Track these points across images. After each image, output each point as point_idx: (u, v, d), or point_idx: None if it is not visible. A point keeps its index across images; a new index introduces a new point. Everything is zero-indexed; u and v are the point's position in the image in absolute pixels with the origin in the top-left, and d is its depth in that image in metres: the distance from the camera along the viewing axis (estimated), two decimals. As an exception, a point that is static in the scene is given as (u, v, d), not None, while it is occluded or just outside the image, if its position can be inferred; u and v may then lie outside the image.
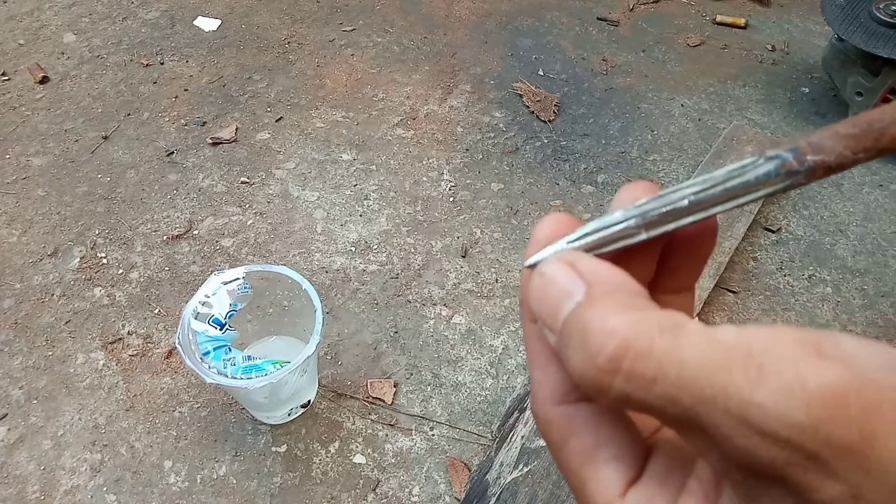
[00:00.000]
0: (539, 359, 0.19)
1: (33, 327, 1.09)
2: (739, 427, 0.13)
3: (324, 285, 1.16)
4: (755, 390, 0.13)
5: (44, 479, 0.93)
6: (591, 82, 1.61)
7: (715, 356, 0.14)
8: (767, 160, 0.17)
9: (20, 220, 1.25)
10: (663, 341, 0.14)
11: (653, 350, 0.14)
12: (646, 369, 0.14)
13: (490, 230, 1.26)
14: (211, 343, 0.83)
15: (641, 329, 0.15)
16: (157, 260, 1.19)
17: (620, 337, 0.15)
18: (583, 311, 0.16)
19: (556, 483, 0.85)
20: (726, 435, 0.14)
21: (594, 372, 0.15)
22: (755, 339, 0.14)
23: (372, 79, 1.58)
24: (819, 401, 0.13)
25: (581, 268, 0.17)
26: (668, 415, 0.14)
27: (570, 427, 0.18)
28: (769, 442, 0.13)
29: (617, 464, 0.17)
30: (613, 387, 0.15)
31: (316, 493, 0.92)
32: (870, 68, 1.38)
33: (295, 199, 1.30)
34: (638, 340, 0.14)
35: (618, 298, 0.16)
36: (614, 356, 0.14)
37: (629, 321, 0.15)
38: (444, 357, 1.08)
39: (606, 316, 0.15)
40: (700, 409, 0.14)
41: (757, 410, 0.13)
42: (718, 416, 0.13)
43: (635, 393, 0.14)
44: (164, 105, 1.48)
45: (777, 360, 0.13)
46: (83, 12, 1.73)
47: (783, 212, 1.33)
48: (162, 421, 0.99)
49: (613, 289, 0.16)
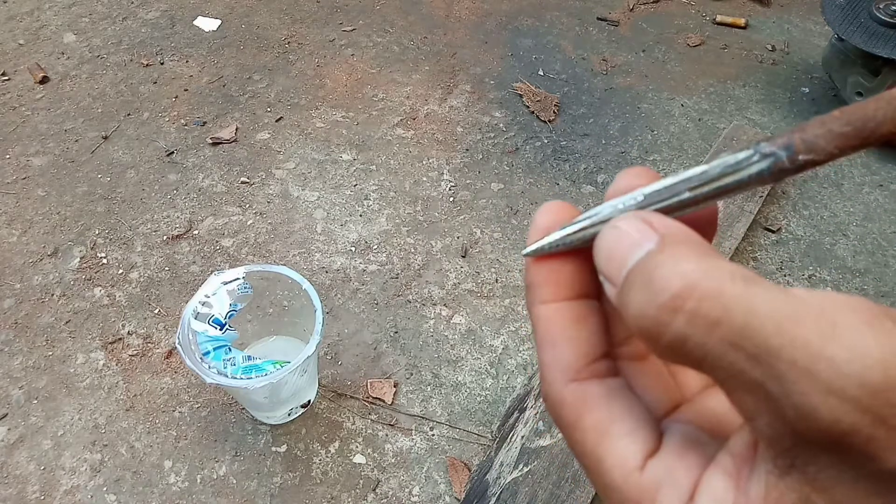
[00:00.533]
0: (548, 340, 0.19)
1: (33, 327, 1.09)
2: (805, 382, 0.13)
3: (324, 285, 1.16)
4: (827, 345, 0.12)
5: (44, 479, 0.93)
6: (591, 82, 1.61)
7: (786, 307, 0.13)
8: (762, 158, 0.17)
9: (20, 220, 1.25)
10: (734, 287, 0.14)
11: (722, 292, 0.14)
12: (711, 310, 0.14)
13: (490, 230, 1.26)
14: (211, 343, 0.83)
15: (712, 273, 0.14)
16: (157, 260, 1.19)
17: (689, 277, 0.14)
18: (652, 256, 0.15)
19: (556, 483, 0.85)
20: (788, 390, 0.13)
21: (654, 310, 0.14)
22: (829, 299, 0.13)
23: (372, 79, 1.58)
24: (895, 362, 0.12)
25: (655, 223, 0.17)
26: (724, 364, 0.14)
27: (582, 404, 0.18)
28: (836, 400, 0.12)
29: (634, 436, 0.17)
30: (672, 327, 0.14)
31: (316, 493, 0.93)
32: (870, 68, 1.38)
33: (295, 199, 1.30)
34: (707, 282, 0.14)
35: (691, 247, 0.15)
36: (679, 294, 0.14)
37: (701, 266, 0.14)
38: (444, 357, 1.08)
39: (677, 260, 0.15)
40: (764, 359, 0.13)
41: (827, 365, 0.12)
42: (783, 367, 0.13)
43: (694, 336, 0.14)
44: (164, 105, 1.48)
45: (852, 319, 0.13)
46: (83, 12, 1.73)
47: (783, 212, 1.33)
48: (162, 421, 0.99)
49: (686, 239, 0.16)
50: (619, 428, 0.17)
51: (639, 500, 0.16)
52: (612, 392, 0.18)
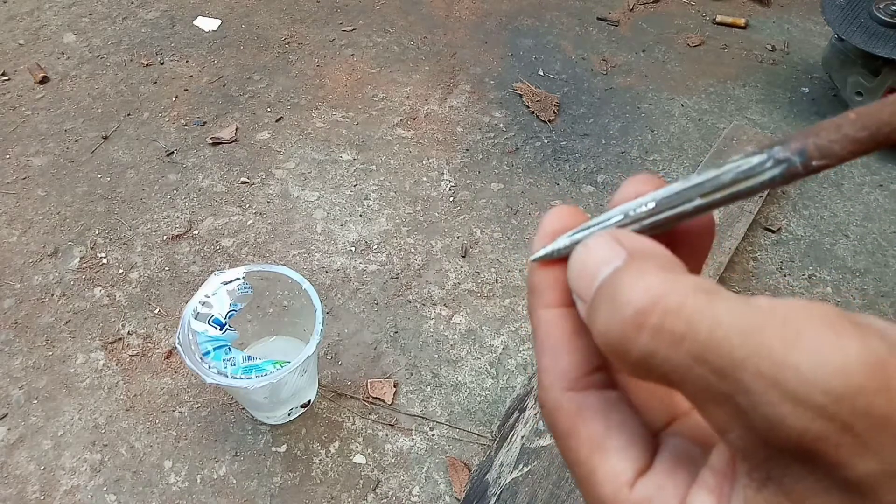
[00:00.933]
0: (548, 345, 0.19)
1: (33, 327, 1.09)
2: (771, 392, 0.12)
3: (324, 285, 1.16)
4: (791, 353, 0.12)
5: (44, 479, 0.93)
6: (591, 82, 1.61)
7: (749, 318, 0.13)
8: (776, 164, 0.16)
9: (20, 220, 1.25)
10: (697, 300, 0.14)
11: (684, 306, 0.14)
12: (675, 325, 0.14)
13: (490, 230, 1.26)
14: (211, 343, 0.83)
15: (674, 287, 0.14)
16: (157, 260, 1.19)
17: (651, 293, 0.14)
18: (618, 273, 0.16)
19: (556, 483, 0.85)
20: (755, 401, 0.13)
21: (619, 326, 0.14)
22: (793, 307, 0.13)
23: (372, 79, 1.58)
24: (859, 368, 0.12)
25: (623, 239, 0.17)
26: (692, 378, 0.14)
27: (579, 414, 0.18)
28: (802, 409, 0.12)
29: (627, 453, 0.17)
30: (638, 343, 0.14)
31: (316, 493, 0.93)
32: (870, 68, 1.38)
33: (295, 199, 1.30)
34: (669, 296, 0.14)
35: (655, 262, 0.15)
36: (643, 310, 0.14)
37: (663, 281, 0.14)
38: (444, 357, 1.08)
39: (641, 275, 0.15)
40: (730, 371, 0.13)
41: (792, 373, 0.12)
42: (748, 378, 0.13)
43: (660, 351, 0.14)
44: (164, 105, 1.48)
45: (815, 326, 0.13)
46: (83, 12, 1.73)
47: (783, 212, 1.33)
48: (162, 421, 0.99)
49: (651, 255, 0.16)
50: (614, 442, 0.17)
51: None
52: (609, 404, 0.18)
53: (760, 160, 0.16)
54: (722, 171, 0.17)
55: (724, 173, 0.17)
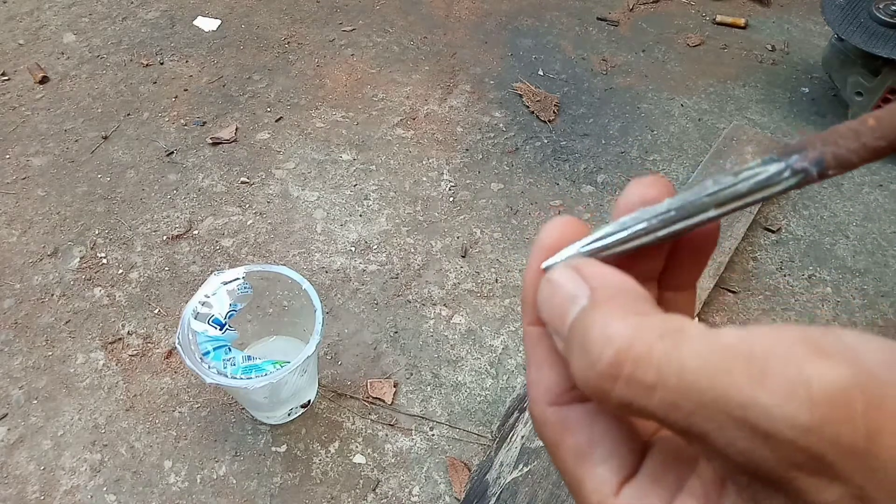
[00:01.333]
0: (535, 360, 0.19)
1: (33, 327, 1.09)
2: (741, 430, 0.13)
3: (324, 285, 1.16)
4: (757, 392, 0.13)
5: (44, 479, 0.93)
6: (591, 82, 1.61)
7: (715, 359, 0.13)
8: (793, 174, 0.16)
9: (20, 220, 1.25)
10: (663, 346, 0.14)
11: (652, 356, 0.14)
12: (645, 375, 0.14)
13: (490, 230, 1.26)
14: (211, 343, 0.83)
15: (641, 335, 0.14)
16: (157, 260, 1.19)
17: (619, 343, 0.14)
18: (585, 315, 0.16)
19: (556, 483, 0.85)
20: (728, 439, 0.13)
21: (595, 378, 0.15)
22: (756, 340, 0.13)
23: (372, 79, 1.58)
24: (823, 400, 0.12)
25: (586, 272, 0.17)
26: (669, 421, 0.14)
27: (564, 427, 0.18)
28: (772, 445, 0.13)
29: (611, 462, 0.17)
30: (614, 393, 0.15)
31: (316, 493, 0.92)
32: (870, 68, 1.38)
33: (295, 199, 1.30)
34: (637, 346, 0.14)
35: (619, 303, 0.16)
36: (614, 362, 0.14)
37: (629, 326, 0.15)
38: (444, 357, 1.08)
39: (607, 321, 0.15)
40: (701, 414, 0.13)
41: (760, 412, 0.13)
42: (720, 420, 0.13)
43: (636, 399, 0.14)
44: (164, 105, 1.48)
45: (779, 360, 0.13)
46: (83, 12, 1.73)
47: (783, 212, 1.33)
48: (162, 421, 0.99)
49: (616, 293, 0.16)
50: (597, 452, 0.17)
51: None
52: (593, 416, 0.18)
53: (778, 169, 0.16)
54: (739, 179, 0.17)
55: (740, 182, 0.17)
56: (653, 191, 0.19)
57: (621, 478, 0.17)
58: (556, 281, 0.18)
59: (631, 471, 0.17)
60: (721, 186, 0.17)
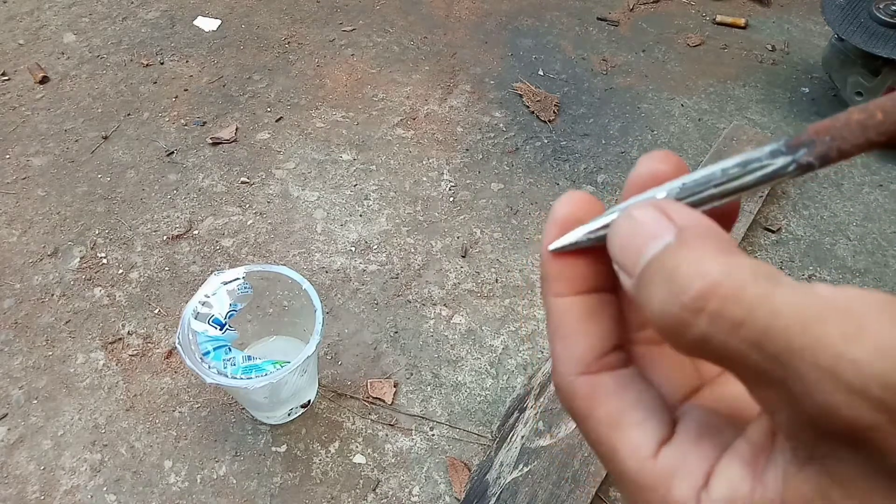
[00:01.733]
0: (560, 332, 0.19)
1: (33, 327, 1.09)
2: (827, 381, 0.13)
3: (324, 285, 1.16)
4: (851, 345, 0.13)
5: (44, 479, 0.93)
6: (591, 82, 1.61)
7: (811, 307, 0.13)
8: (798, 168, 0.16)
9: (20, 220, 1.25)
10: (757, 287, 0.14)
11: (745, 293, 0.14)
12: (734, 311, 0.14)
13: (490, 230, 1.26)
14: (211, 343, 0.83)
15: (734, 272, 0.14)
16: (157, 260, 1.19)
17: (712, 277, 0.14)
18: (673, 251, 0.15)
19: (556, 483, 0.85)
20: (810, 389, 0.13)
21: (677, 309, 0.14)
22: (855, 297, 0.13)
23: (372, 79, 1.58)
24: None
25: (672, 214, 0.17)
26: (746, 363, 0.14)
27: (593, 397, 0.18)
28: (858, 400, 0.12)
29: (646, 426, 0.17)
30: (695, 327, 0.14)
31: (316, 493, 0.93)
32: (870, 68, 1.38)
33: (295, 199, 1.30)
34: (730, 282, 0.14)
35: (711, 242, 0.15)
36: (702, 295, 0.14)
37: (722, 263, 0.14)
38: (444, 357, 1.08)
39: (699, 257, 0.15)
40: (786, 359, 0.13)
41: (850, 366, 0.12)
42: (805, 367, 0.13)
43: (717, 335, 0.14)
44: (164, 105, 1.48)
45: (878, 319, 0.13)
46: (83, 12, 1.73)
47: (783, 212, 1.33)
48: (162, 421, 0.99)
49: (706, 233, 0.16)
50: (631, 418, 0.17)
51: (654, 487, 0.16)
52: (624, 383, 0.18)
53: (785, 163, 0.16)
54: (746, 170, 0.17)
55: (747, 174, 0.17)
56: (664, 166, 0.19)
57: (659, 440, 0.17)
58: (638, 218, 0.17)
59: (667, 434, 0.17)
60: (728, 178, 0.17)
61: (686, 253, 0.15)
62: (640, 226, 0.17)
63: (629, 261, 0.17)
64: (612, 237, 0.18)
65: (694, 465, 0.16)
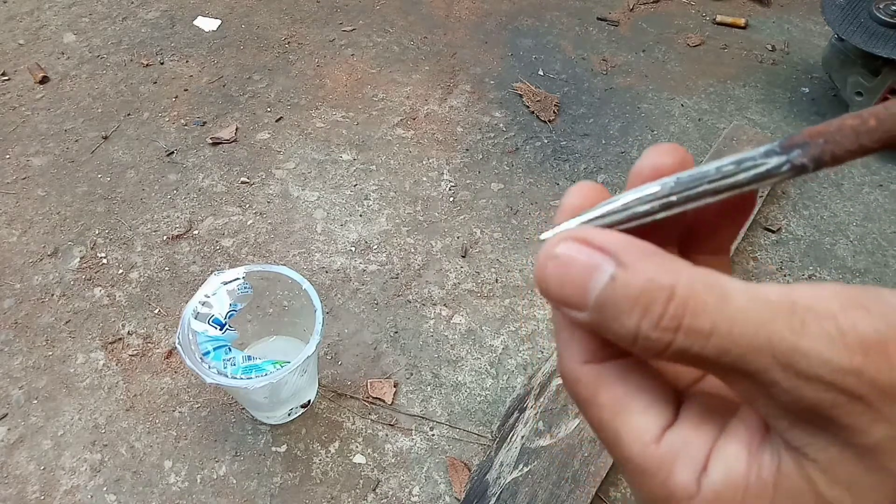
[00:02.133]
0: (564, 322, 0.19)
1: (33, 327, 1.09)
2: (786, 372, 0.14)
3: (324, 285, 1.16)
4: (799, 340, 0.14)
5: (44, 479, 0.93)
6: (591, 82, 1.61)
7: (761, 311, 0.15)
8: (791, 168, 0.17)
9: (20, 220, 1.25)
10: (713, 298, 0.15)
11: (707, 307, 0.15)
12: (702, 325, 0.15)
13: (490, 230, 1.26)
14: (211, 343, 0.83)
15: (693, 288, 0.15)
16: (157, 260, 1.19)
17: (678, 296, 0.15)
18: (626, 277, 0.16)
19: (556, 483, 0.85)
20: (774, 380, 0.14)
21: (657, 332, 0.15)
22: (797, 295, 0.15)
23: (372, 79, 1.58)
24: (859, 347, 0.14)
25: (596, 242, 0.17)
26: (720, 364, 0.15)
27: (598, 382, 0.18)
28: (815, 385, 0.14)
29: (649, 411, 0.17)
30: (674, 343, 0.15)
31: (316, 493, 0.93)
32: (870, 68, 1.38)
33: (295, 199, 1.30)
34: (693, 298, 0.15)
35: (655, 260, 0.16)
36: (675, 315, 0.15)
37: (682, 280, 0.15)
38: (444, 357, 1.08)
39: (651, 278, 0.16)
40: (750, 358, 0.15)
41: (801, 357, 0.14)
42: (766, 362, 0.14)
43: (692, 347, 0.15)
44: (164, 105, 1.48)
45: (818, 313, 0.14)
46: (83, 12, 1.73)
47: (783, 212, 1.33)
48: (162, 421, 0.99)
49: (643, 253, 0.16)
50: (635, 404, 0.18)
51: (655, 472, 0.17)
52: (628, 370, 0.18)
53: (778, 163, 0.17)
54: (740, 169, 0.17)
55: (741, 172, 0.17)
56: (668, 159, 0.20)
57: (662, 425, 0.17)
58: (566, 256, 0.17)
59: (670, 420, 0.17)
60: (722, 175, 0.18)
61: (639, 275, 0.16)
62: (572, 262, 0.17)
63: (574, 298, 0.17)
64: (544, 278, 0.18)
65: (695, 450, 0.17)
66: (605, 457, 0.88)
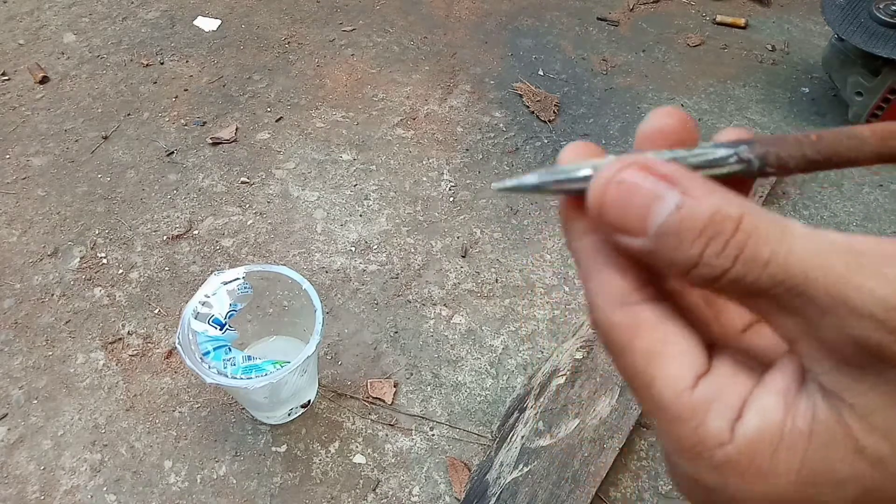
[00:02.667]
0: (594, 269, 0.19)
1: (33, 327, 1.09)
2: (838, 307, 0.14)
3: (324, 285, 1.16)
4: (854, 275, 0.14)
5: (44, 479, 0.93)
6: (591, 82, 1.61)
7: (820, 246, 0.15)
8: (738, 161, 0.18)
9: (20, 220, 1.25)
10: (775, 230, 0.16)
11: (769, 238, 0.15)
12: (762, 254, 0.15)
13: (490, 230, 1.26)
14: (211, 343, 0.83)
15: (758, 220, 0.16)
16: (157, 260, 1.19)
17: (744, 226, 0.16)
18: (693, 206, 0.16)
19: (556, 483, 0.85)
20: (823, 313, 0.15)
21: (720, 259, 0.16)
22: (858, 240, 0.15)
23: (372, 79, 1.58)
24: None
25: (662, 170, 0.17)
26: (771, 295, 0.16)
27: (634, 327, 0.18)
28: (865, 321, 0.14)
29: (684, 358, 0.17)
30: (731, 271, 0.16)
31: (316, 493, 0.93)
32: (870, 68, 1.38)
33: (295, 199, 1.30)
34: (757, 229, 0.16)
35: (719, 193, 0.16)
36: (738, 243, 0.16)
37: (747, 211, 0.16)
38: (444, 357, 1.08)
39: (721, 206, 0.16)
40: (803, 290, 0.15)
41: (855, 292, 0.14)
42: (819, 294, 0.15)
43: (748, 276, 0.16)
44: (164, 105, 1.48)
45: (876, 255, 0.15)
46: (83, 12, 1.73)
47: (783, 212, 1.33)
48: (162, 421, 0.99)
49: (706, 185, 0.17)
50: (671, 349, 0.18)
51: (690, 417, 0.17)
52: (663, 316, 0.18)
53: (726, 154, 0.19)
54: (691, 154, 0.19)
55: (691, 156, 0.19)
56: (671, 120, 0.20)
57: (697, 372, 0.17)
58: (630, 182, 0.17)
59: (704, 368, 0.17)
60: (675, 156, 0.19)
61: (707, 204, 0.16)
62: (636, 189, 0.17)
63: (633, 223, 0.17)
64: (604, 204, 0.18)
65: (730, 398, 0.17)
66: (605, 457, 0.88)
